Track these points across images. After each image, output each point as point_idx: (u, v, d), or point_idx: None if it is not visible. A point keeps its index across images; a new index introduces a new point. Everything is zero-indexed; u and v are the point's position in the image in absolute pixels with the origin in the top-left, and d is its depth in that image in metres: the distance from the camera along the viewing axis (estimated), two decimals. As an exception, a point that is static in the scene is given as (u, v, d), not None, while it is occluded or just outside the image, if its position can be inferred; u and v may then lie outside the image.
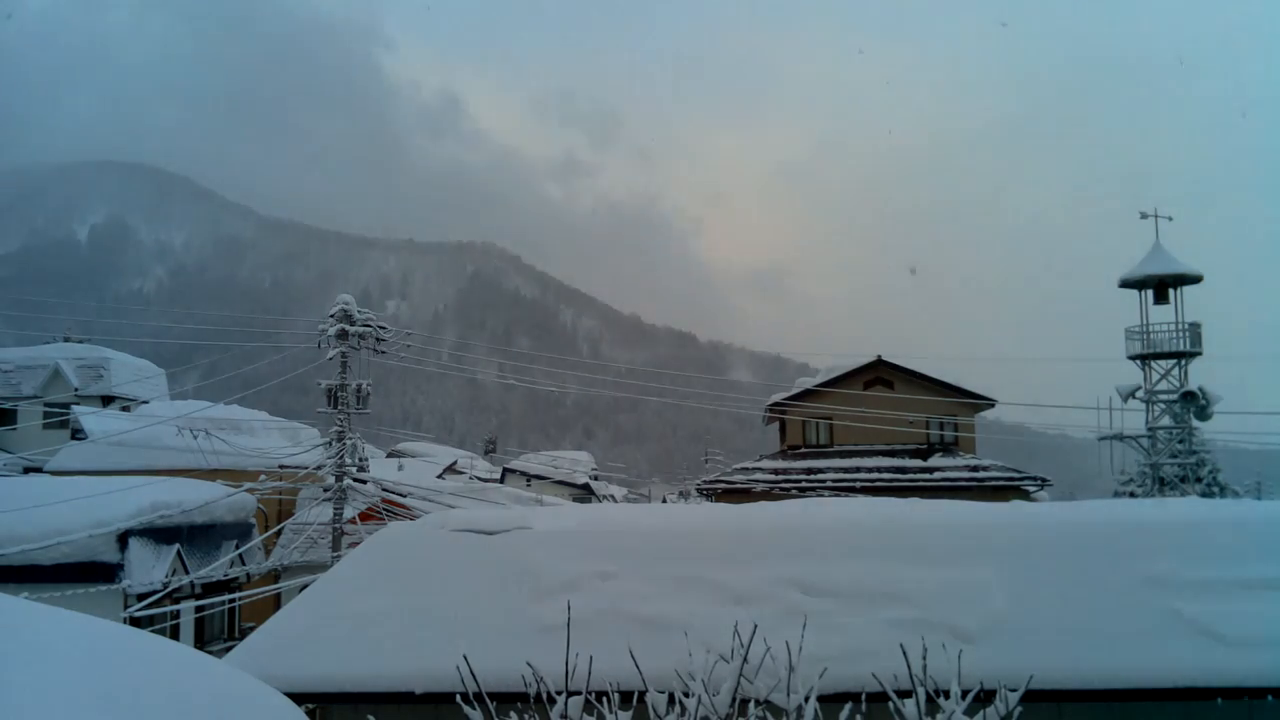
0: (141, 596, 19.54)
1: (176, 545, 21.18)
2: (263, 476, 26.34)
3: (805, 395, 36.24)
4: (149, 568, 20.07)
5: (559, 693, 5.13)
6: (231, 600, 22.71)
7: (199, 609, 21.76)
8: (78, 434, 36.00)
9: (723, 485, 33.71)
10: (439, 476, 44.31)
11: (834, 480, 31.69)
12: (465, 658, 5.51)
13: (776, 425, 38.82)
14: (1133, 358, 32.63)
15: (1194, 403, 31.18)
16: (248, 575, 24.64)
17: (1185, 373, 31.95)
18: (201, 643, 21.59)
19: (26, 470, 33.97)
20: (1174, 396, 31.79)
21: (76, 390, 41.94)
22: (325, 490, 25.35)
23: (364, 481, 25.94)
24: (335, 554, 23.29)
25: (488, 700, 5.29)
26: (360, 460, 25.78)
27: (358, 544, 12.07)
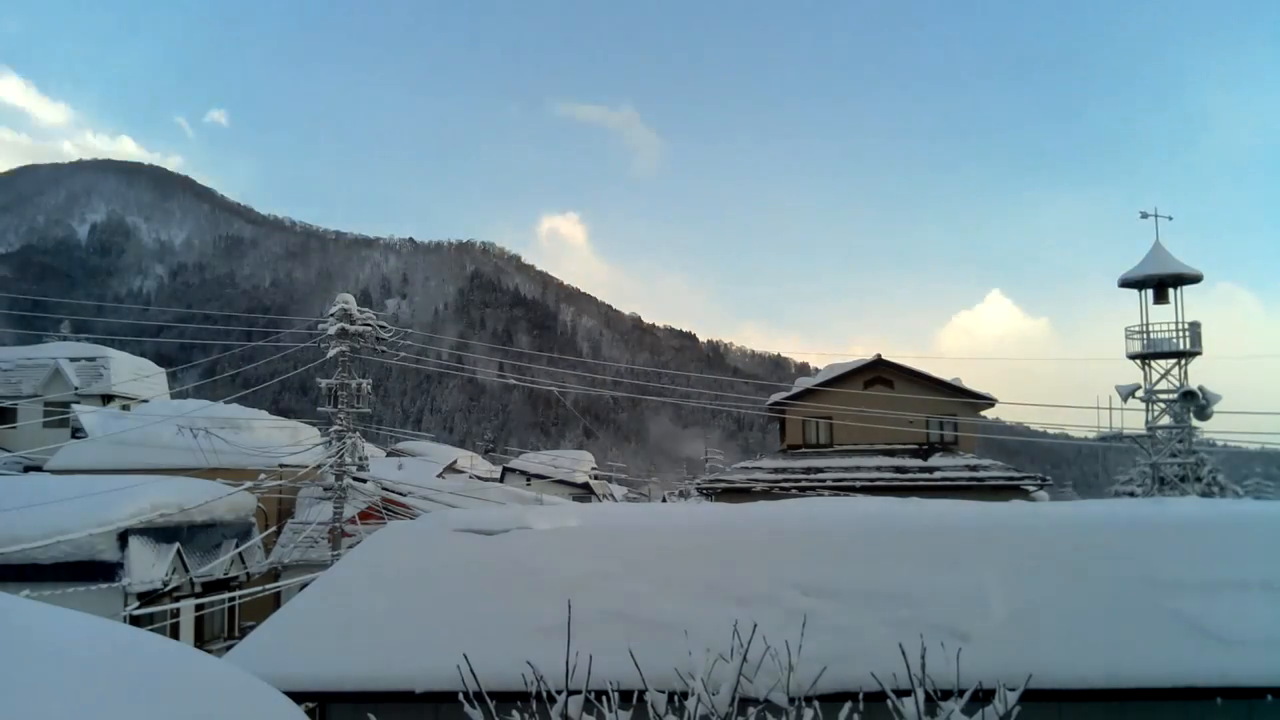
0: (141, 595, 19.54)
1: (176, 544, 21.18)
2: (263, 475, 26.33)
3: (805, 395, 36.25)
4: (149, 566, 20.07)
5: (559, 692, 5.13)
6: (231, 599, 22.70)
7: (199, 608, 21.75)
8: (78, 433, 36.01)
9: (723, 485, 33.70)
10: (439, 476, 44.30)
11: (834, 480, 31.68)
12: (465, 657, 5.51)
13: (777, 424, 38.83)
14: (1133, 357, 32.63)
15: (1194, 402, 31.17)
16: (247, 574, 24.64)
17: (1185, 372, 31.95)
18: (201, 641, 21.59)
19: (27, 469, 33.97)
20: (1174, 396, 31.79)
21: (76, 389, 41.94)
22: (325, 489, 25.36)
23: (364, 480, 25.94)
24: (335, 553, 23.30)
25: (488, 699, 5.29)
26: (360, 459, 25.78)
27: (358, 544, 12.07)
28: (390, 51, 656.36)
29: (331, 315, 25.08)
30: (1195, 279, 32.61)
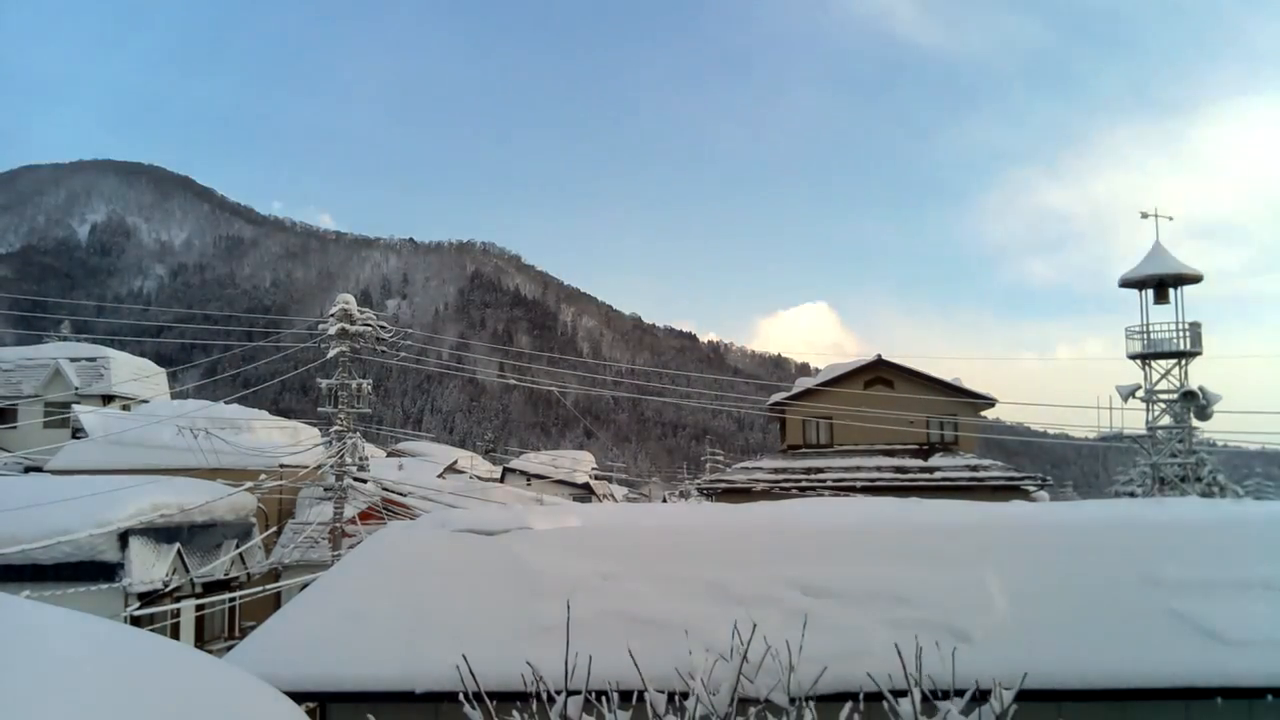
0: (142, 595, 19.55)
1: (177, 544, 21.18)
2: (263, 476, 26.33)
3: (805, 395, 36.25)
4: (149, 566, 20.07)
5: (559, 692, 5.14)
6: (231, 599, 22.71)
7: (199, 608, 21.76)
8: (78, 433, 36.00)
9: (723, 485, 33.69)
10: (439, 476, 44.27)
11: (834, 480, 31.67)
12: (465, 657, 5.52)
13: (777, 424, 38.83)
14: (1133, 357, 32.62)
15: (1194, 402, 31.16)
16: (248, 574, 24.64)
17: (1185, 372, 31.94)
18: (201, 642, 21.59)
19: (27, 469, 33.98)
20: (1174, 396, 31.77)
21: (77, 389, 41.93)
22: (325, 489, 25.36)
23: (364, 481, 25.94)
24: (335, 553, 23.30)
25: (488, 699, 5.30)
26: (360, 459, 25.78)
27: (358, 544, 12.07)
28: (391, 51, 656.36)
29: (332, 315, 25.08)
30: (1195, 279, 32.59)
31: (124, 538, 19.48)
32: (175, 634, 20.64)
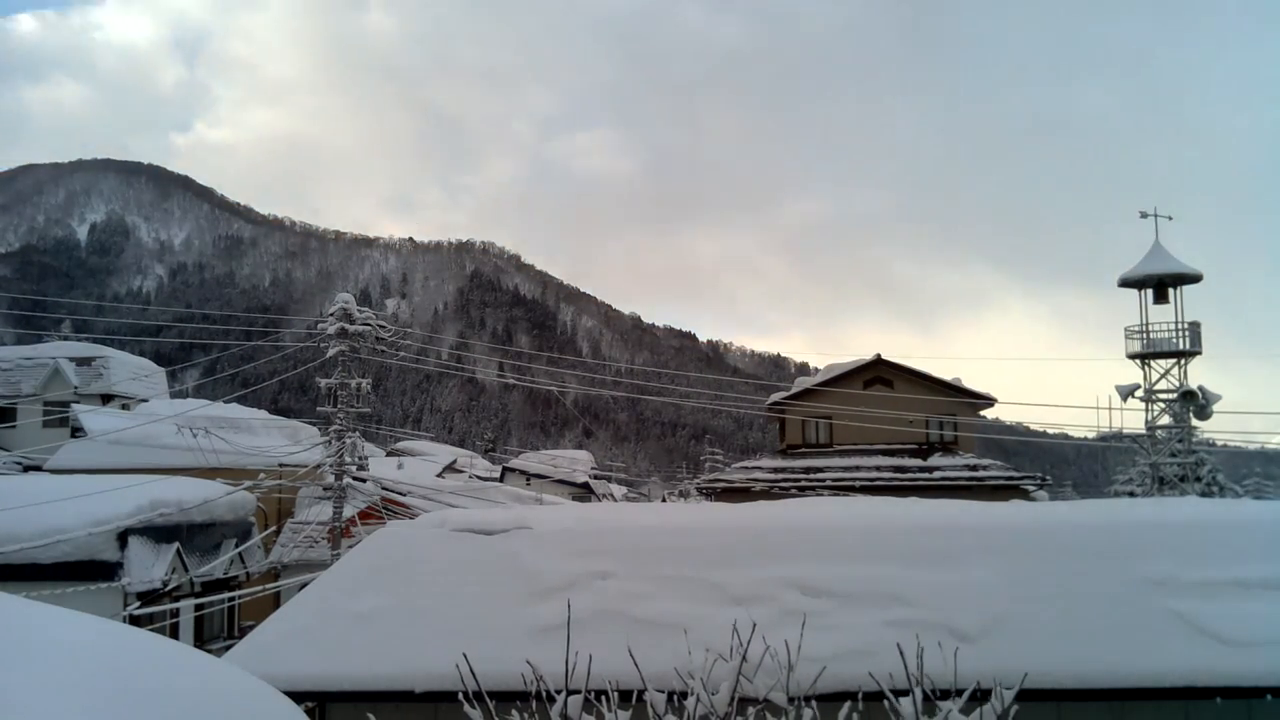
0: (141, 595, 19.53)
1: (176, 544, 21.16)
2: (262, 475, 26.32)
3: (805, 394, 36.25)
4: (148, 566, 20.05)
5: (558, 691, 5.13)
6: (231, 599, 22.70)
7: (198, 607, 21.74)
8: (77, 432, 36.00)
9: (722, 485, 33.70)
10: (439, 476, 44.29)
11: (833, 480, 31.68)
12: (465, 656, 5.52)
13: (777, 424, 38.84)
14: (1132, 357, 32.63)
15: (1193, 402, 31.17)
16: (247, 574, 24.63)
17: (1185, 372, 31.95)
18: (201, 641, 21.58)
19: (26, 469, 33.97)
20: (1173, 396, 31.78)
21: (76, 389, 41.92)
22: (325, 489, 25.36)
23: (364, 480, 25.94)
24: (335, 553, 23.30)
25: (487, 699, 5.29)
26: (360, 459, 25.76)
27: (358, 544, 12.06)
28: (392, 50, 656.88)
29: (331, 315, 25.08)
30: (1195, 278, 32.60)
31: (123, 537, 19.45)
32: (174, 634, 20.63)
